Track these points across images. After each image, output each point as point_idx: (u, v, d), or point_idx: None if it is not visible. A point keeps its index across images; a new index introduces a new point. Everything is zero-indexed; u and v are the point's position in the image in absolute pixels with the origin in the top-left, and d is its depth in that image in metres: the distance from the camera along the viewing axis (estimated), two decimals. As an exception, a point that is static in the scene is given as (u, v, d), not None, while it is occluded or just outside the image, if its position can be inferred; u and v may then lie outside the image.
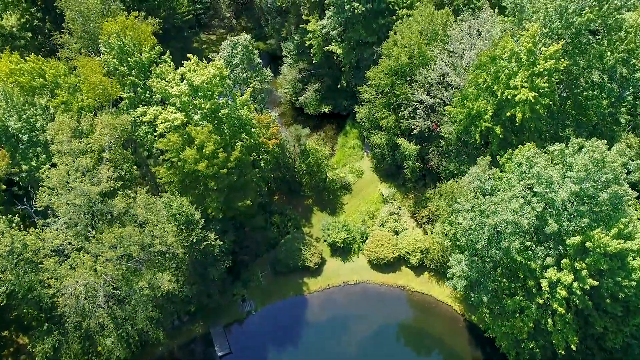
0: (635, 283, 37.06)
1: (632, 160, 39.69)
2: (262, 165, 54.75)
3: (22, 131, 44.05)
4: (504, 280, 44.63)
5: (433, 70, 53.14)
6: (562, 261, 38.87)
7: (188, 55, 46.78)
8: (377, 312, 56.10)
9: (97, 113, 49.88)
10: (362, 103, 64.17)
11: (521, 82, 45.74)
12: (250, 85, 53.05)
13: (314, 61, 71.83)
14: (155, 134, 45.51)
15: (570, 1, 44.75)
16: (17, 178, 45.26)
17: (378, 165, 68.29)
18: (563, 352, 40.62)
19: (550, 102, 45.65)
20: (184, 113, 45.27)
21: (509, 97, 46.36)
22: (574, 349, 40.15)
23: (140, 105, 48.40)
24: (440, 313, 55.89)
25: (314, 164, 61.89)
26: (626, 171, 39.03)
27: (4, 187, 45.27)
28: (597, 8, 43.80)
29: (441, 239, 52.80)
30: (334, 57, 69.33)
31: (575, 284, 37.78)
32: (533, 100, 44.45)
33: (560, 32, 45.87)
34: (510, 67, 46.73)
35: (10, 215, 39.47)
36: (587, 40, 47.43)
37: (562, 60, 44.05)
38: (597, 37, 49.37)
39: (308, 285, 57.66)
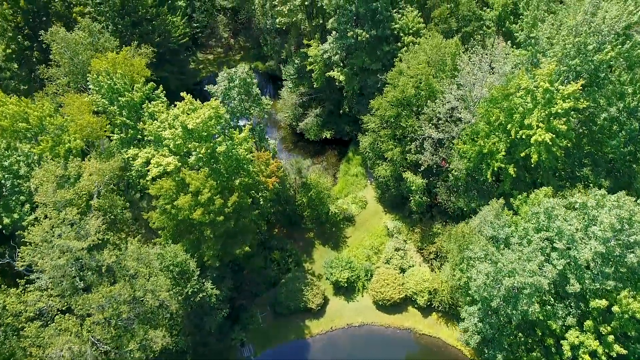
0: (666, 350, 34.39)
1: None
2: (261, 203, 51.86)
3: (6, 176, 41.20)
4: (520, 334, 41.89)
5: (443, 105, 50.30)
6: (585, 323, 36.10)
7: (182, 94, 43.92)
8: (382, 357, 53.19)
9: (87, 151, 47.18)
10: (366, 133, 61.35)
11: (537, 121, 43.04)
12: (249, 123, 50.13)
13: (314, 86, 68.96)
14: (148, 178, 42.55)
15: (588, 36, 42.00)
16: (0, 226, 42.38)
17: (382, 195, 65.44)
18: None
19: (568, 144, 42.91)
20: (177, 157, 42.39)
21: (523, 136, 43.69)
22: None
23: (132, 146, 45.49)
24: (450, 358, 53.01)
25: (316, 197, 59.07)
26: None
27: None
28: (618, 46, 41.04)
29: (451, 283, 50.06)
30: (336, 82, 66.51)
31: (599, 349, 35.04)
32: (550, 143, 41.76)
33: (579, 69, 43.14)
34: (525, 105, 44.05)
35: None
36: (606, 74, 44.78)
37: (582, 100, 41.31)
38: (614, 70, 46.83)
39: (310, 328, 54.75)
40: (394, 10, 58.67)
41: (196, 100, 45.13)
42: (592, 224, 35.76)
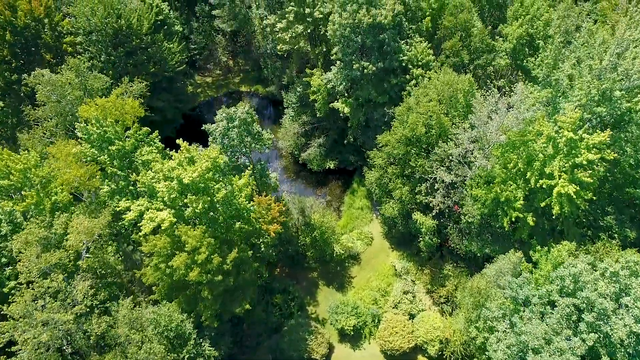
0: None
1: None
2: (262, 249, 48.81)
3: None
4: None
5: (456, 146, 47.22)
6: (617, 402, 33.10)
7: (177, 141, 40.85)
8: (391, 411, 50.27)
9: (79, 196, 44.16)
10: (372, 168, 58.25)
11: (558, 170, 40.05)
12: (249, 168, 47.05)
13: (317, 115, 65.82)
14: (140, 233, 39.45)
15: (615, 82, 38.96)
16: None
17: (389, 231, 62.42)
18: None
19: (594, 197, 39.90)
20: (173, 211, 39.31)
21: (543, 186, 40.71)
22: None
23: (124, 195, 42.38)
24: (463, 412, 49.93)
25: (320, 238, 56.02)
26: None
27: None
28: (649, 94, 38.10)
29: (465, 337, 47.04)
30: (340, 113, 63.39)
31: None
32: (574, 196, 38.76)
33: (604, 115, 40.15)
34: (545, 151, 41.07)
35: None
36: (630, 118, 41.81)
37: (609, 151, 38.29)
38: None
39: (314, 380, 51.65)
40: (402, 42, 55.52)
41: (190, 140, 42.37)
42: (624, 294, 32.81)
